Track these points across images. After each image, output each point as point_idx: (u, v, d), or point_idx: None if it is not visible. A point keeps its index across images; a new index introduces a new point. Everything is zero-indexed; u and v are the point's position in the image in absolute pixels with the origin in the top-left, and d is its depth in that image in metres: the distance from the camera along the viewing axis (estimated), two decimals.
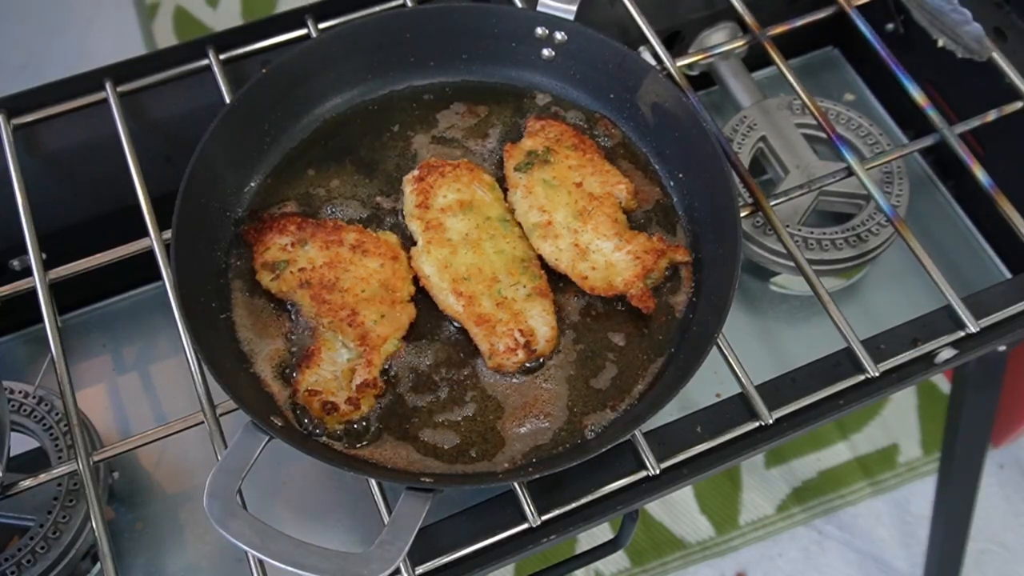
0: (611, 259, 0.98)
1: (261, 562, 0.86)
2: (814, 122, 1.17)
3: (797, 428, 0.94)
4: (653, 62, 1.12)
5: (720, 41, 1.25)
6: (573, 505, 0.90)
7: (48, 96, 1.12)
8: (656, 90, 1.05)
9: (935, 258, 1.02)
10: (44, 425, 1.04)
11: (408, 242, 1.01)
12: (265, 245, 0.98)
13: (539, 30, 1.09)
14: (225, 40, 1.15)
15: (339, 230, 0.99)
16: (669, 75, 1.12)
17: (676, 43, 1.29)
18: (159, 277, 0.99)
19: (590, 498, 0.90)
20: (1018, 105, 1.12)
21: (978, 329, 0.98)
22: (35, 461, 1.05)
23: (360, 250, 0.98)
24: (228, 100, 1.09)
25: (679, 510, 2.09)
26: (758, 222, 1.17)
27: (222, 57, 1.14)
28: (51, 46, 2.80)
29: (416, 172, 1.04)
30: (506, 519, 0.89)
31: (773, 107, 1.27)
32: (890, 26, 1.30)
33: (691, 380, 0.87)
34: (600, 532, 1.72)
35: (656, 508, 2.09)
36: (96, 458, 0.92)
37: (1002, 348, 1.17)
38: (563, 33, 1.09)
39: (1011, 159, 1.17)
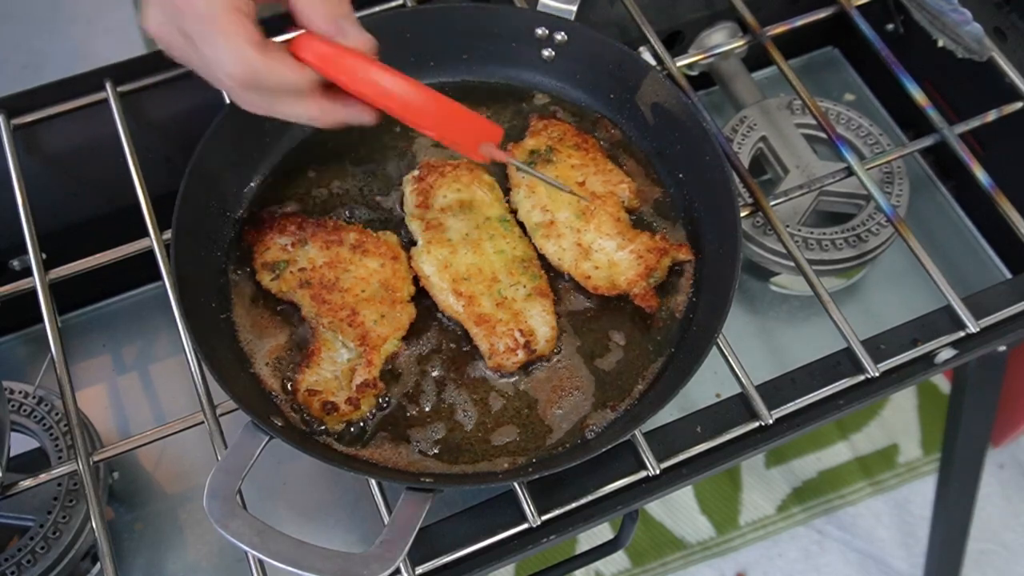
0: (614, 258, 0.98)
1: (261, 562, 0.86)
2: (814, 122, 1.17)
3: (797, 428, 0.94)
4: (653, 62, 1.12)
5: (720, 41, 1.25)
6: (573, 505, 0.90)
7: (48, 96, 1.12)
8: (656, 90, 1.05)
9: (935, 258, 1.02)
10: (44, 425, 1.04)
11: (408, 242, 1.01)
12: (265, 245, 0.98)
13: (539, 30, 1.09)
14: None
15: (339, 230, 0.99)
16: (669, 75, 1.12)
17: (676, 43, 1.29)
18: (159, 277, 0.99)
19: (590, 498, 0.90)
20: (1018, 105, 1.12)
21: (978, 329, 0.98)
22: (35, 461, 1.05)
23: (360, 250, 0.98)
24: (228, 100, 1.09)
25: (679, 510, 2.09)
26: (758, 222, 1.17)
27: None
28: (51, 46, 2.81)
29: (416, 172, 1.04)
30: (506, 519, 0.89)
31: (773, 107, 1.27)
32: (890, 26, 1.30)
33: (691, 380, 0.87)
34: (600, 532, 1.72)
35: (656, 508, 2.09)
36: (96, 458, 0.92)
37: (1002, 348, 1.17)
38: (563, 33, 1.09)
39: (1011, 159, 1.17)
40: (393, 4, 1.18)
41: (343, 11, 0.76)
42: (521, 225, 1.02)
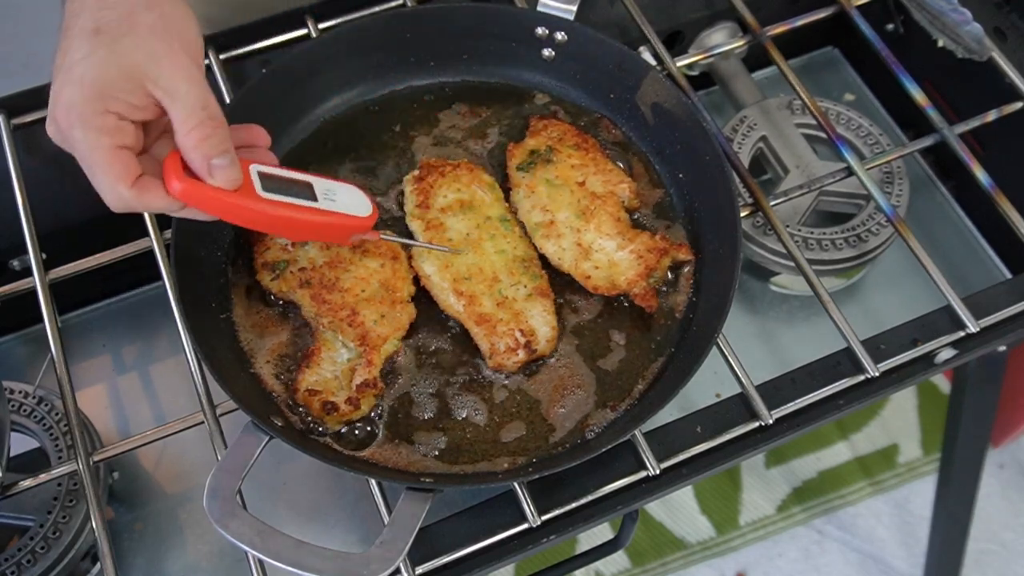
0: (614, 258, 0.98)
1: (261, 562, 0.86)
2: (814, 122, 1.17)
3: (797, 428, 0.94)
4: (653, 62, 1.12)
5: (720, 41, 1.25)
6: (573, 505, 0.90)
7: (48, 96, 1.11)
8: (656, 90, 1.05)
9: (935, 258, 1.02)
10: (44, 425, 1.04)
11: None
12: (265, 245, 0.98)
13: (539, 30, 1.09)
14: (225, 40, 1.15)
15: None
16: (669, 75, 1.12)
17: (676, 43, 1.29)
18: (159, 277, 0.99)
19: (590, 498, 0.90)
20: (1018, 105, 1.12)
21: (978, 329, 0.98)
22: (35, 461, 1.05)
23: (360, 250, 0.98)
24: (228, 100, 1.09)
25: (679, 510, 2.09)
26: (758, 222, 1.17)
27: (222, 57, 1.14)
28: (51, 46, 2.81)
29: (416, 172, 1.04)
30: (506, 519, 0.89)
31: (773, 107, 1.27)
32: (890, 26, 1.30)
33: (691, 380, 0.87)
34: (600, 532, 1.72)
35: (656, 508, 2.09)
36: (96, 458, 0.92)
37: (1002, 348, 1.17)
38: (563, 33, 1.09)
39: (1011, 159, 1.17)
40: (393, 4, 1.19)
41: (218, 150, 0.78)
42: (521, 225, 1.02)
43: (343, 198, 0.90)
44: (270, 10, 1.16)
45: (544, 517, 0.89)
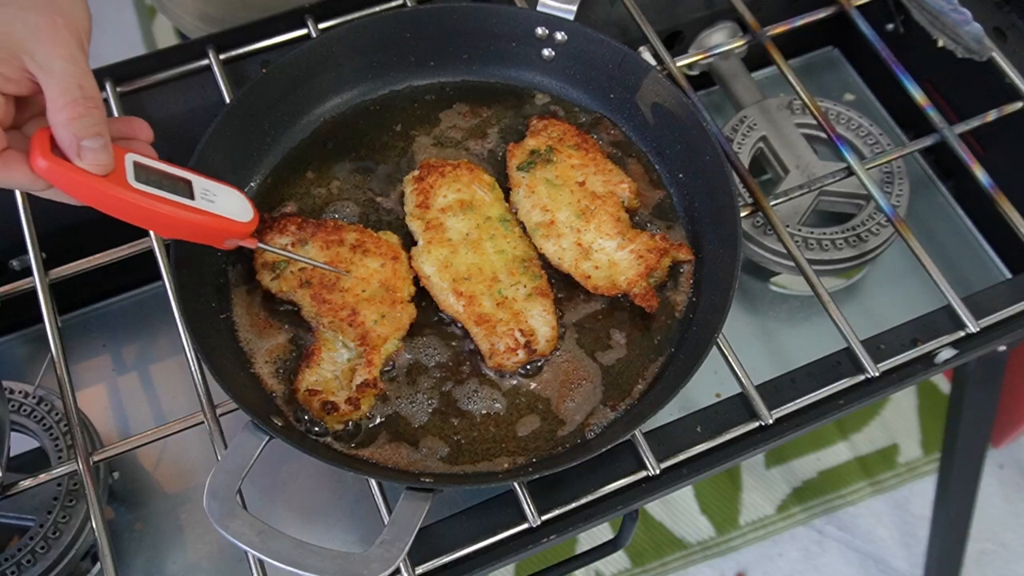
0: (614, 258, 0.98)
1: (261, 562, 0.86)
2: (814, 122, 1.17)
3: (797, 428, 0.94)
4: (653, 62, 1.12)
5: (720, 41, 1.25)
6: (573, 505, 0.90)
7: None
8: (656, 90, 1.05)
9: (935, 258, 1.02)
10: (44, 425, 1.04)
11: (408, 242, 1.01)
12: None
13: (539, 30, 1.09)
14: (225, 40, 1.15)
15: (339, 230, 0.99)
16: (669, 75, 1.12)
17: (676, 43, 1.29)
18: (159, 277, 0.99)
19: (590, 498, 0.90)
20: (1018, 105, 1.12)
21: (978, 329, 0.98)
22: (35, 461, 1.05)
23: (360, 250, 0.98)
24: (228, 100, 1.09)
25: (679, 510, 2.09)
26: (758, 222, 1.17)
27: (222, 57, 1.14)
28: None
29: (416, 172, 1.04)
30: (506, 519, 0.89)
31: (773, 107, 1.27)
32: (890, 26, 1.30)
33: (691, 380, 0.87)
34: (600, 532, 1.73)
35: (656, 508, 2.09)
36: (96, 458, 0.92)
37: (1002, 348, 1.17)
38: (563, 33, 1.09)
39: (1011, 159, 1.17)
40: (393, 4, 1.19)
41: (90, 132, 0.75)
42: (521, 225, 1.02)
43: (223, 201, 0.87)
44: (270, 10, 1.17)
45: (544, 517, 0.89)
